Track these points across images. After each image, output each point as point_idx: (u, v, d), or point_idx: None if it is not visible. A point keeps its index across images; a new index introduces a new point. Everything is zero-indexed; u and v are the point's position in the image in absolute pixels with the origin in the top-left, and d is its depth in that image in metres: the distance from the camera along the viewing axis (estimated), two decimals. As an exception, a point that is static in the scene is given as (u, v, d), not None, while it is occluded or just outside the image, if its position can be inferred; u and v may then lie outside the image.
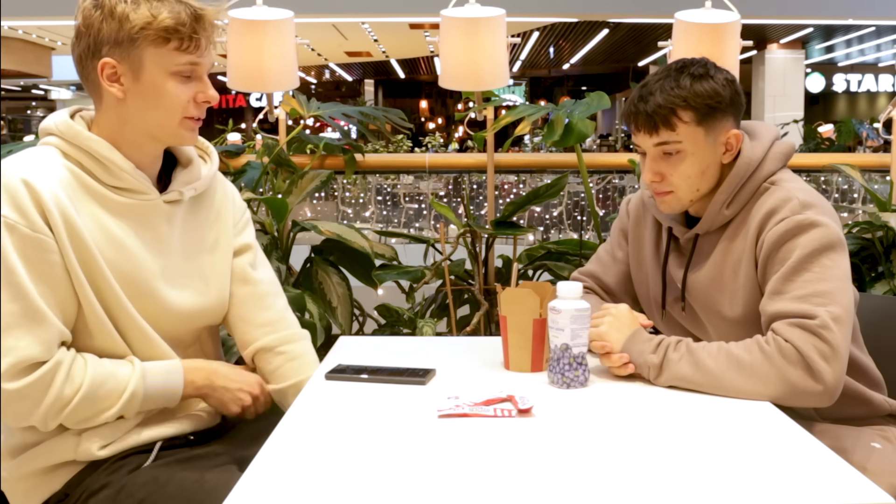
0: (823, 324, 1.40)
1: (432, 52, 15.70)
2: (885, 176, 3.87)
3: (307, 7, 4.52)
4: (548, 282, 1.70)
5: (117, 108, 1.45)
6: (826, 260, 1.46)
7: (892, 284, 2.71)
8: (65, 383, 1.36)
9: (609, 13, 11.05)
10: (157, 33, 1.40)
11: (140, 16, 1.39)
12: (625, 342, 1.50)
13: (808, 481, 1.07)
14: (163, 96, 1.44)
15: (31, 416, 1.36)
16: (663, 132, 1.52)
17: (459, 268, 2.89)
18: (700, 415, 1.34)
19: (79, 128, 1.44)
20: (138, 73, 1.42)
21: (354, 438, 1.23)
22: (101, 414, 1.41)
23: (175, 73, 1.43)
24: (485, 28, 2.64)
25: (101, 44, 1.41)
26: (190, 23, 1.41)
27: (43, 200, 1.35)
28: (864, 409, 1.63)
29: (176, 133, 1.48)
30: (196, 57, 1.44)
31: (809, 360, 1.38)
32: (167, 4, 1.41)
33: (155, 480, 1.41)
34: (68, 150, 1.44)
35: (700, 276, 1.63)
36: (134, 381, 1.42)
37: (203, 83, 1.47)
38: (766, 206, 1.53)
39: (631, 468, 1.11)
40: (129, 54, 1.41)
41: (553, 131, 2.77)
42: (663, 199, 1.60)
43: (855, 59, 19.36)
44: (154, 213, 1.49)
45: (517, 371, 1.56)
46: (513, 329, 1.55)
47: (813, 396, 1.39)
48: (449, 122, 23.59)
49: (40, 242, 1.35)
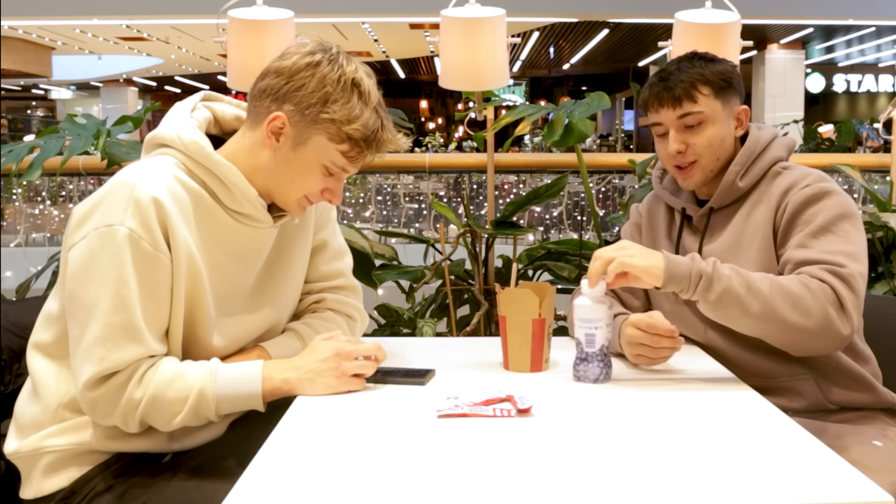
0: (852, 274, 1.50)
1: (432, 52, 15.69)
2: (885, 176, 3.87)
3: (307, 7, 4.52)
4: (547, 282, 1.70)
5: (259, 151, 1.45)
6: (848, 225, 1.57)
7: (892, 284, 2.71)
8: (136, 387, 1.36)
9: (609, 13, 11.05)
10: (339, 132, 1.41)
11: (339, 108, 1.40)
12: (664, 264, 1.45)
13: (808, 479, 1.07)
14: (303, 176, 1.45)
15: (110, 418, 1.38)
16: (686, 104, 1.64)
17: (459, 268, 2.90)
18: (699, 413, 1.34)
19: (209, 150, 1.43)
20: (299, 146, 1.43)
21: (354, 438, 1.23)
22: (175, 415, 1.38)
23: (325, 167, 1.44)
24: (485, 28, 2.64)
25: (289, 98, 1.41)
26: (372, 142, 1.43)
27: (169, 222, 1.36)
28: (870, 396, 1.67)
29: (289, 205, 1.49)
30: (352, 166, 1.46)
31: (844, 302, 1.47)
32: (367, 112, 1.41)
33: (156, 484, 1.42)
34: (193, 168, 1.43)
35: (715, 246, 1.70)
36: (202, 381, 1.38)
37: (338, 184, 1.49)
38: (787, 181, 1.65)
39: (630, 467, 1.11)
40: (305, 127, 1.42)
41: (553, 131, 2.78)
42: (687, 173, 1.68)
43: (855, 59, 19.36)
44: (263, 235, 1.51)
45: (516, 371, 1.56)
46: (512, 329, 1.55)
47: (837, 339, 1.48)
48: (449, 122, 23.60)
49: (158, 261, 1.36)
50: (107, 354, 1.33)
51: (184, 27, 12.49)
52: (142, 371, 1.36)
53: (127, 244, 1.33)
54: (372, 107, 1.42)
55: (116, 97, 20.50)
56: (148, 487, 1.41)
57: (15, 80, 18.54)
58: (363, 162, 1.46)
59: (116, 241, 1.33)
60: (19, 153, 2.89)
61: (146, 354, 1.37)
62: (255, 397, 1.41)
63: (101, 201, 1.37)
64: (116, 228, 1.34)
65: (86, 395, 1.35)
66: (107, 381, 1.35)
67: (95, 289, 1.34)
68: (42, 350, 1.47)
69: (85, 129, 2.90)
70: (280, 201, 1.49)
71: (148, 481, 1.42)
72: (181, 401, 1.37)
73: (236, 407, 1.43)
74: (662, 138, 1.69)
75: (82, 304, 1.35)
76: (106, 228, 1.34)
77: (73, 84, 22.38)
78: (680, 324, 1.73)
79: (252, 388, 1.41)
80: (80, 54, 16.34)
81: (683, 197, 1.77)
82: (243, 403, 1.42)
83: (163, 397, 1.36)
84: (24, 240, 5.72)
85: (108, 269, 1.34)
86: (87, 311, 1.35)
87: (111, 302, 1.33)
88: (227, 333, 1.49)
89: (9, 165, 2.86)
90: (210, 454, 1.51)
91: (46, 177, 4.48)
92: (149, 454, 1.48)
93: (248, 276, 1.52)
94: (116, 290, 1.33)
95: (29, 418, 1.46)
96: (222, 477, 1.41)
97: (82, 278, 1.35)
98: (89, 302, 1.34)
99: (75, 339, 1.37)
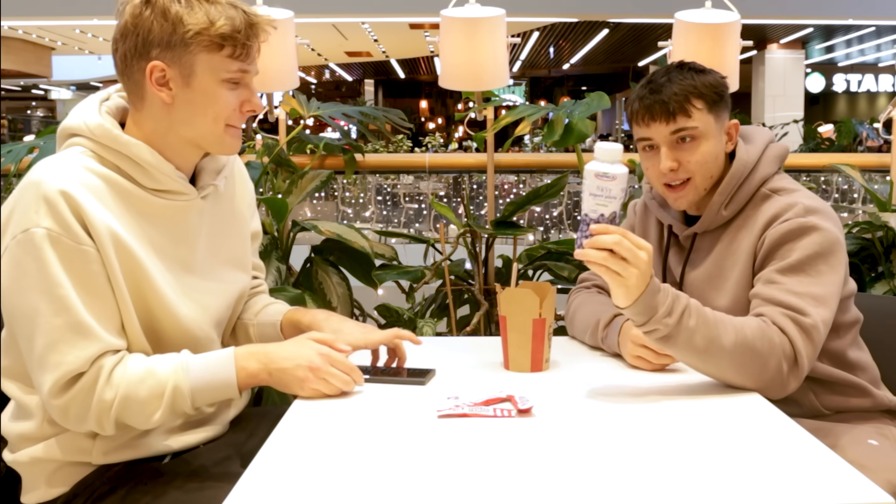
0: (815, 325, 1.45)
1: (432, 52, 15.69)
2: (885, 176, 3.87)
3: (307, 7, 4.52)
4: (547, 282, 1.70)
5: (162, 113, 1.39)
6: (823, 265, 1.50)
7: (892, 284, 2.71)
8: (105, 387, 1.32)
9: (609, 13, 11.06)
10: (211, 39, 1.35)
11: (196, 20, 1.34)
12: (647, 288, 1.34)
13: (805, 479, 1.07)
14: (212, 103, 1.39)
15: (84, 423, 1.35)
16: (680, 119, 1.56)
17: (459, 268, 2.89)
18: (697, 413, 1.34)
19: (116, 132, 1.38)
20: (189, 78, 1.37)
21: (354, 438, 1.23)
22: (152, 413, 1.35)
23: (226, 81, 1.39)
24: (485, 28, 2.64)
25: (150, 45, 1.35)
26: (244, 30, 1.37)
27: (84, 211, 1.31)
28: (867, 400, 1.66)
29: (221, 141, 1.43)
30: (247, 64, 1.41)
31: (799, 357, 1.44)
32: (221, 9, 1.36)
33: (158, 486, 1.41)
34: (103, 154, 1.39)
35: (697, 273, 1.66)
36: (175, 376, 1.35)
37: (250, 91, 1.43)
38: (772, 210, 1.57)
39: (630, 467, 1.11)
40: (181, 59, 1.35)
41: (553, 131, 2.77)
42: (679, 192, 1.61)
43: (855, 59, 19.37)
44: (190, 210, 1.47)
45: (517, 371, 1.56)
46: (512, 329, 1.55)
47: (785, 389, 1.44)
48: (449, 122, 23.59)
49: (84, 254, 1.31)
50: (61, 358, 1.29)
51: (184, 27, 12.47)
52: (108, 370, 1.32)
53: (47, 244, 1.29)
54: (223, 3, 1.37)
55: (116, 97, 20.47)
56: (150, 490, 1.41)
57: (15, 80, 18.54)
58: (252, 54, 1.41)
59: (35, 243, 1.29)
60: (19, 153, 2.89)
61: (104, 350, 1.33)
62: (230, 386, 1.38)
63: (13, 208, 1.33)
64: (33, 232, 1.29)
65: (53, 403, 1.32)
66: (72, 386, 1.31)
67: (31, 298, 1.29)
68: (11, 375, 1.43)
69: (85, 129, 2.90)
70: (210, 145, 1.44)
71: (149, 484, 1.42)
72: (156, 398, 1.34)
73: (212, 397, 1.39)
74: (651, 153, 1.60)
75: (23, 317, 1.31)
76: (23, 235, 1.29)
77: (73, 84, 22.37)
78: None
79: (226, 377, 1.37)
80: (80, 54, 16.35)
81: (672, 212, 1.72)
82: (219, 393, 1.39)
83: (135, 396, 1.33)
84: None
85: (36, 275, 1.29)
86: (29, 322, 1.30)
87: (49, 305, 1.29)
88: (192, 311, 1.46)
89: (8, 166, 2.86)
90: (211, 455, 1.51)
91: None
92: (148, 458, 1.47)
93: (191, 253, 1.48)
94: (50, 292, 1.29)
95: (16, 434, 1.44)
96: (224, 478, 1.41)
97: (15, 292, 1.31)
98: (29, 313, 1.30)
99: (27, 353, 1.33)
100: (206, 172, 1.50)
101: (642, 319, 1.36)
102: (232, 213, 1.59)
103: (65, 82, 21.37)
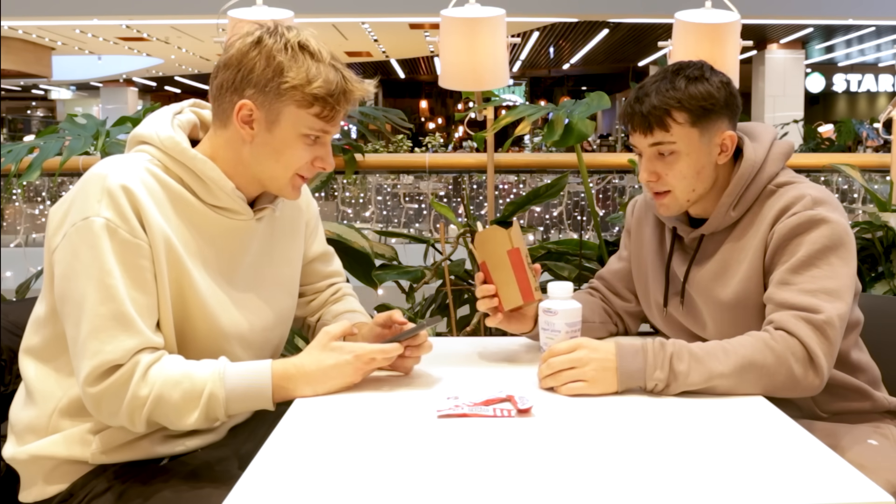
0: (828, 320, 1.44)
1: (432, 52, 15.69)
2: (885, 176, 3.87)
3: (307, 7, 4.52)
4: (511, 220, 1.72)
5: (238, 146, 1.44)
6: (834, 258, 1.50)
7: (892, 284, 2.71)
8: (140, 384, 1.34)
9: (609, 13, 11.05)
10: (304, 96, 1.39)
11: (295, 74, 1.39)
12: (617, 383, 1.41)
13: (805, 479, 1.07)
14: (286, 153, 1.43)
15: (116, 417, 1.36)
16: (658, 133, 1.54)
17: (459, 268, 2.89)
18: (697, 413, 1.34)
19: (185, 145, 1.44)
20: (273, 125, 1.41)
21: (354, 438, 1.23)
22: (185, 416, 1.36)
23: (305, 136, 1.43)
24: (485, 28, 2.64)
25: (247, 83, 1.40)
26: (337, 95, 1.41)
27: (142, 208, 1.36)
28: (867, 403, 1.66)
29: (283, 187, 1.48)
30: (330, 126, 1.44)
31: (814, 355, 1.43)
32: (323, 69, 1.40)
33: (155, 485, 1.42)
34: (169, 164, 1.44)
35: (703, 271, 1.65)
36: (211, 382, 1.36)
37: (325, 149, 1.47)
38: (780, 203, 1.56)
39: (629, 467, 1.11)
40: (272, 105, 1.40)
41: (553, 131, 2.78)
42: (661, 201, 1.61)
43: (855, 59, 19.37)
44: (243, 229, 1.51)
45: (512, 307, 1.58)
46: (493, 269, 1.58)
47: (808, 389, 1.45)
48: (449, 122, 23.60)
49: (138, 248, 1.35)
50: (100, 346, 1.32)
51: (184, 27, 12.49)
52: (144, 366, 1.34)
53: (105, 233, 1.33)
54: (327, 63, 1.42)
55: (116, 97, 20.51)
56: (147, 489, 1.41)
57: (15, 80, 18.54)
58: (339, 118, 1.45)
59: (94, 232, 1.33)
60: (19, 153, 2.89)
61: (143, 345, 1.35)
62: (264, 397, 1.39)
63: (74, 198, 1.38)
64: (92, 220, 1.33)
65: (88, 391, 1.34)
66: (108, 376, 1.33)
67: (81, 283, 1.34)
68: (33, 354, 1.46)
69: (84, 129, 2.90)
70: (274, 187, 1.49)
71: (146, 483, 1.42)
72: (192, 401, 1.35)
73: (246, 407, 1.41)
74: (639, 159, 1.62)
75: (72, 302, 1.35)
76: (82, 222, 1.34)
77: (73, 84, 22.38)
78: (671, 332, 1.73)
79: (262, 387, 1.39)
80: (80, 54, 16.35)
81: None
82: (252, 403, 1.40)
83: (169, 397, 1.34)
84: (24, 240, 5.72)
85: (89, 262, 1.33)
86: (77, 307, 1.34)
87: (97, 293, 1.33)
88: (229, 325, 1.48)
89: (8, 166, 2.86)
90: (210, 455, 1.51)
91: (46, 177, 4.47)
92: (146, 460, 1.47)
93: (234, 268, 1.51)
94: (100, 280, 1.33)
95: (24, 424, 1.45)
96: (222, 478, 1.42)
97: (68, 276, 1.35)
98: (78, 298, 1.34)
99: (72, 338, 1.36)
100: (265, 195, 1.55)
101: (638, 384, 1.42)
102: (284, 238, 1.63)
103: (65, 82, 21.38)
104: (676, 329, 1.72)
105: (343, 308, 1.76)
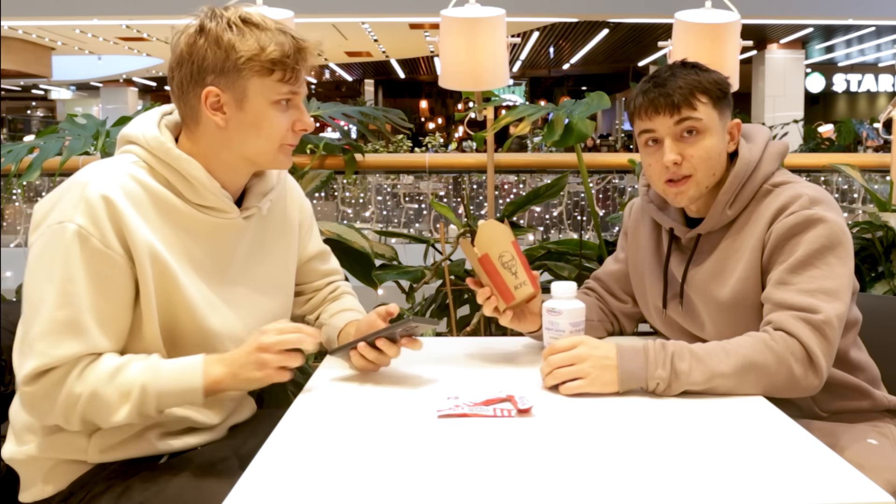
0: (827, 320, 1.45)
1: (432, 52, 15.70)
2: (885, 176, 3.87)
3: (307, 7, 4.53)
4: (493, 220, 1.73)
5: (217, 135, 1.45)
6: (832, 257, 1.50)
7: (892, 284, 2.71)
8: (76, 382, 1.34)
9: (609, 13, 11.05)
10: (262, 65, 1.41)
11: (247, 46, 1.40)
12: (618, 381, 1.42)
13: (805, 478, 1.07)
14: (265, 125, 1.45)
15: (50, 415, 1.37)
16: (685, 110, 1.55)
17: (459, 268, 2.89)
18: (696, 413, 1.34)
19: (169, 145, 1.44)
20: (242, 102, 1.43)
21: (354, 438, 1.23)
22: (116, 411, 1.36)
23: (276, 103, 1.44)
24: (485, 28, 2.64)
25: (205, 72, 1.41)
26: (293, 54, 1.43)
27: (122, 219, 1.36)
28: (866, 402, 1.66)
29: (275, 159, 1.49)
30: (296, 87, 1.46)
31: (813, 356, 1.43)
32: (271, 35, 1.42)
33: (155, 484, 1.42)
34: (154, 165, 1.44)
35: (701, 271, 1.65)
36: (144, 376, 1.36)
37: (300, 111, 1.49)
38: (777, 203, 1.56)
39: (629, 467, 1.11)
40: (235, 84, 1.41)
41: (553, 131, 2.77)
42: (679, 188, 1.58)
43: (855, 59, 19.38)
44: (231, 228, 1.52)
45: (524, 298, 1.58)
46: (479, 275, 1.59)
47: (807, 389, 1.46)
48: (449, 122, 23.61)
49: (108, 258, 1.35)
50: (47, 350, 1.32)
51: (184, 27, 12.48)
52: (81, 366, 1.34)
53: (76, 240, 1.33)
54: (273, 29, 1.43)
55: (116, 97, 20.53)
56: (146, 488, 1.41)
57: (15, 80, 18.55)
58: (302, 77, 1.46)
59: (65, 237, 1.33)
60: (19, 153, 2.89)
61: (87, 351, 1.35)
62: (195, 392, 1.38)
63: (56, 201, 1.38)
64: (66, 225, 1.34)
65: (24, 390, 1.34)
66: (44, 377, 1.33)
67: (42, 285, 1.34)
68: None
69: (84, 129, 2.90)
70: (265, 162, 1.50)
71: (146, 482, 1.42)
72: (123, 396, 1.35)
73: (178, 401, 1.40)
74: (652, 148, 1.59)
75: (30, 301, 1.35)
76: (57, 226, 1.35)
77: (73, 84, 22.39)
78: (670, 333, 1.73)
79: (192, 383, 1.38)
80: (80, 54, 16.36)
81: (671, 214, 1.70)
82: (184, 397, 1.40)
83: (103, 393, 1.34)
84: (24, 240, 5.72)
85: (55, 265, 1.33)
86: (33, 307, 1.34)
87: (56, 297, 1.33)
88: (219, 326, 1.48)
89: (8, 166, 2.86)
90: (209, 454, 1.51)
91: (46, 177, 4.47)
92: (145, 457, 1.47)
93: (225, 268, 1.51)
94: (62, 285, 1.33)
95: (23, 424, 1.46)
96: (222, 477, 1.42)
97: (33, 275, 1.36)
98: (36, 298, 1.34)
99: (21, 334, 1.36)
100: (253, 195, 1.56)
101: (639, 384, 1.42)
102: (277, 237, 1.64)
103: (65, 82, 21.39)
104: (675, 330, 1.72)
105: (341, 306, 1.76)
